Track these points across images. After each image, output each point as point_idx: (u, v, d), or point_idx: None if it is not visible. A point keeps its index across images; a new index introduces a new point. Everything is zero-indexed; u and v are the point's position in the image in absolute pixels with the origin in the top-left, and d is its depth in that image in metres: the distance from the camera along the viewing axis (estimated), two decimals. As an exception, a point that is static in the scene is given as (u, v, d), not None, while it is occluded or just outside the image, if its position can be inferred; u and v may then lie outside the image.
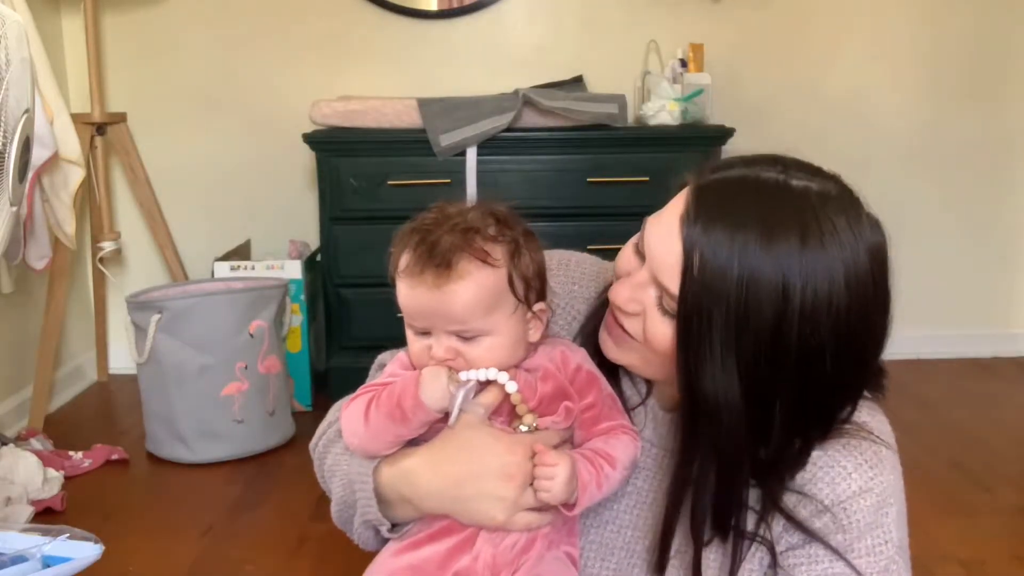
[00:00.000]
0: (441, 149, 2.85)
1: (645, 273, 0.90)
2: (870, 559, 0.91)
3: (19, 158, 1.60)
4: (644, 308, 0.90)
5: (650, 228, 0.90)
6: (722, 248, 0.82)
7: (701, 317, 0.83)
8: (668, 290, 0.86)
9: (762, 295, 0.82)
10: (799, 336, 0.83)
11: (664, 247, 0.87)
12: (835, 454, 0.92)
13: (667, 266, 0.86)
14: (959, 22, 3.38)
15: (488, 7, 3.32)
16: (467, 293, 0.90)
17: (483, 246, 0.92)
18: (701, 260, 0.83)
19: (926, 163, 3.45)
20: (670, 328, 0.87)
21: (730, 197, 0.85)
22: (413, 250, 0.93)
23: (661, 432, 1.02)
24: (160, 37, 3.29)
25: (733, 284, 0.82)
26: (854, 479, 0.91)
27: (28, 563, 1.34)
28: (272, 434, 2.72)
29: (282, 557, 2.13)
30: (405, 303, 0.94)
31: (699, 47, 3.10)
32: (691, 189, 0.88)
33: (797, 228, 0.83)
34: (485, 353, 0.93)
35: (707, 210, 0.84)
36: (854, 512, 0.91)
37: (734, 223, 0.83)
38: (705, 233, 0.83)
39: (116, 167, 3.27)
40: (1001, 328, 3.54)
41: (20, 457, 2.38)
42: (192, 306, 2.60)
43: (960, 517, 2.27)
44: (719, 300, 0.82)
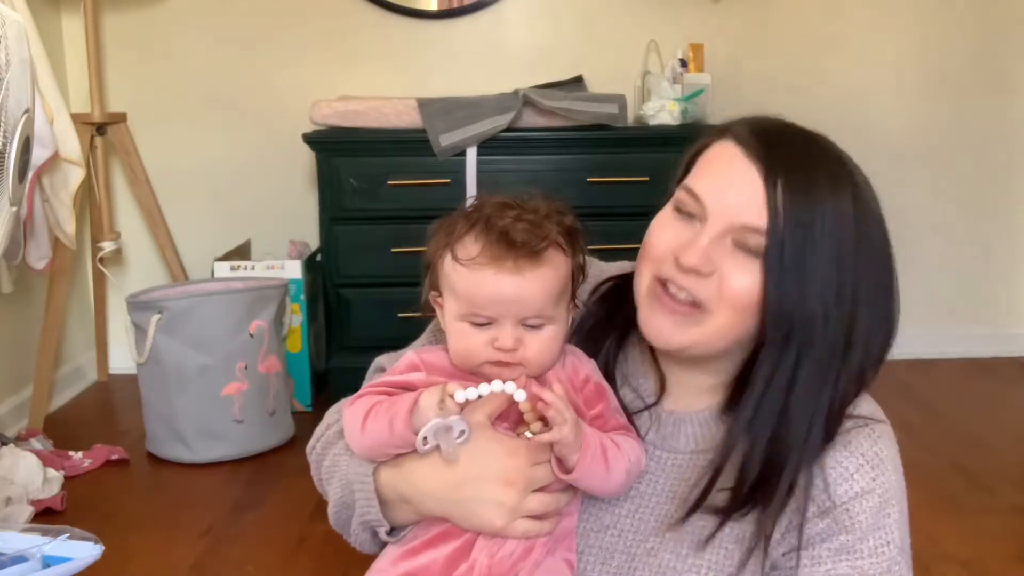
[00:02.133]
0: (441, 149, 2.85)
1: (716, 226, 0.90)
2: (872, 560, 0.92)
3: (19, 158, 1.60)
4: (719, 264, 0.90)
5: (705, 182, 0.92)
6: (799, 172, 0.89)
7: (795, 237, 0.87)
8: (753, 227, 0.88)
9: (843, 207, 0.90)
10: (870, 242, 0.94)
11: (738, 187, 0.90)
12: (836, 455, 0.93)
13: (746, 204, 0.88)
14: (959, 22, 3.38)
15: (488, 7, 3.32)
16: (549, 279, 0.92)
17: (559, 236, 0.94)
18: (785, 185, 0.88)
19: (926, 163, 3.45)
20: (754, 270, 0.89)
21: (786, 134, 0.95)
22: (485, 236, 0.92)
23: (664, 434, 1.01)
24: (160, 37, 3.29)
25: (819, 199, 0.89)
26: (856, 480, 0.92)
27: (28, 563, 1.34)
28: (272, 434, 2.72)
29: (282, 557, 2.13)
30: (472, 291, 0.92)
31: (699, 47, 3.10)
32: (740, 134, 0.93)
33: (848, 164, 0.96)
34: (545, 343, 0.94)
35: (771, 143, 0.91)
36: (857, 513, 0.92)
37: (803, 150, 0.93)
38: (781, 161, 0.89)
39: (116, 167, 3.27)
40: (1001, 328, 3.54)
41: (20, 457, 2.38)
42: (192, 306, 2.60)
43: (960, 517, 2.27)
44: (811, 214, 0.88)
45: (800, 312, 0.89)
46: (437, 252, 0.97)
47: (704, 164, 0.95)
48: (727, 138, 0.94)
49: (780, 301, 0.88)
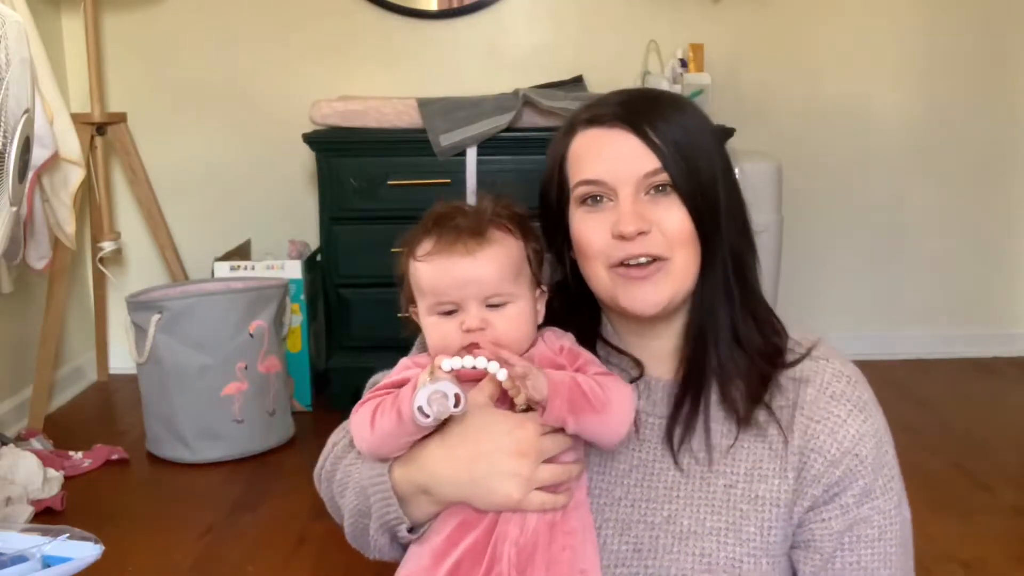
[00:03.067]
0: (441, 149, 2.85)
1: (627, 190, 0.99)
2: (885, 497, 1.01)
3: (19, 158, 1.60)
4: (650, 218, 0.99)
5: (594, 165, 1.01)
6: (650, 112, 1.01)
7: (681, 153, 0.99)
8: (652, 171, 0.99)
9: (688, 113, 1.04)
10: (718, 149, 1.05)
11: (622, 151, 1.00)
12: (825, 405, 1.02)
13: (636, 158, 0.99)
14: (959, 22, 3.38)
15: (488, 7, 3.32)
16: (499, 257, 0.98)
17: (504, 221, 1.01)
18: (649, 126, 0.99)
19: (925, 163, 3.45)
20: (673, 203, 1.00)
21: (614, 97, 1.05)
22: (437, 232, 1.00)
23: (655, 399, 1.06)
24: (160, 37, 3.29)
25: (674, 119, 1.01)
26: (851, 425, 1.01)
27: (28, 563, 1.34)
28: (272, 434, 2.72)
29: (282, 557, 2.13)
30: (434, 282, 0.98)
31: (699, 47, 3.10)
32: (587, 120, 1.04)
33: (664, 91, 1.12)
34: (512, 320, 0.98)
35: (615, 109, 1.02)
36: (864, 454, 1.01)
37: (638, 96, 1.06)
38: (632, 113, 1.01)
39: (116, 167, 3.27)
40: (1001, 328, 3.54)
41: (20, 457, 2.38)
42: (192, 306, 2.61)
43: (960, 517, 2.27)
44: (679, 131, 1.00)
45: (709, 205, 1.00)
46: (403, 263, 1.03)
47: (579, 158, 1.04)
48: (579, 131, 1.04)
49: (695, 204, 1.00)
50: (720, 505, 1.01)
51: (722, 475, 1.02)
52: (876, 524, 1.01)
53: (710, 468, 1.02)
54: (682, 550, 1.00)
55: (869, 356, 3.32)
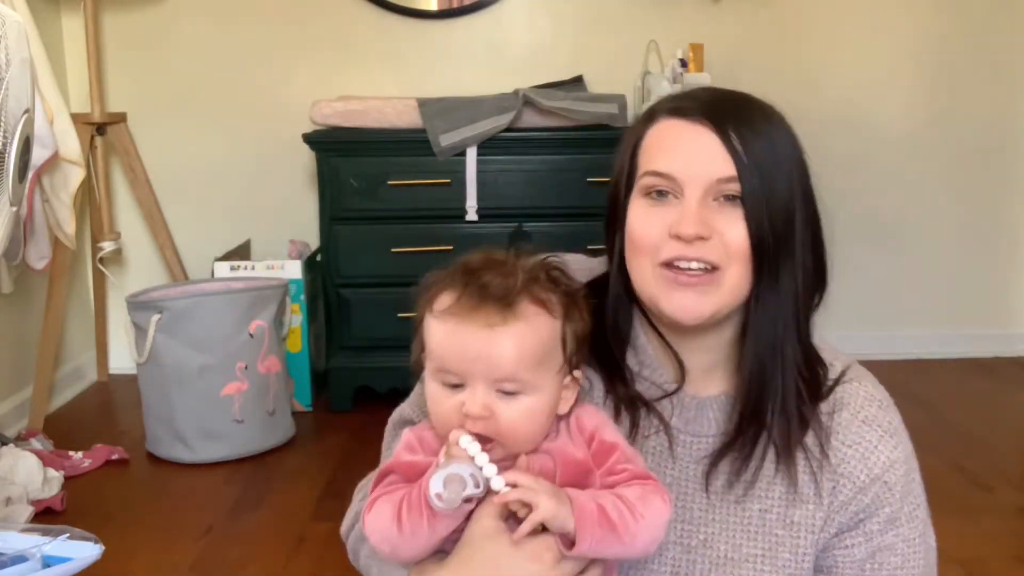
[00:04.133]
0: (441, 149, 2.85)
1: (696, 191, 0.93)
2: (911, 525, 1.00)
3: (19, 158, 1.60)
4: (712, 225, 0.93)
5: (667, 158, 0.95)
6: (738, 116, 0.95)
7: (760, 168, 0.93)
8: (727, 177, 0.93)
9: (780, 131, 0.98)
10: (800, 169, 0.98)
11: (699, 149, 0.94)
12: (858, 430, 1.00)
13: (712, 160, 0.93)
14: (959, 21, 3.38)
15: (488, 7, 3.32)
16: (523, 338, 0.85)
17: (542, 292, 0.88)
18: (734, 130, 0.93)
19: (926, 163, 3.45)
20: (739, 212, 0.93)
21: (708, 94, 1.00)
22: (461, 288, 0.86)
23: (687, 418, 1.02)
24: (160, 37, 3.29)
25: (762, 131, 0.95)
26: (882, 452, 1.00)
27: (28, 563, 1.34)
28: (272, 434, 2.72)
29: (282, 557, 2.13)
30: (443, 347, 0.87)
31: (699, 47, 3.10)
32: (671, 110, 0.97)
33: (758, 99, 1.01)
34: (521, 415, 0.86)
35: (704, 105, 0.96)
36: (893, 483, 0.99)
37: (729, 99, 0.99)
38: (720, 113, 0.95)
39: (116, 167, 3.27)
40: (1001, 328, 3.54)
41: (20, 457, 2.38)
42: (192, 306, 2.60)
43: (960, 517, 2.27)
44: (764, 144, 0.94)
45: (776, 230, 0.94)
46: (420, 307, 0.92)
47: (654, 147, 0.97)
48: (660, 120, 0.98)
49: (760, 225, 0.93)
50: (756, 531, 0.99)
51: (757, 499, 0.99)
52: (900, 552, 0.99)
53: (745, 494, 0.99)
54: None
55: (869, 356, 3.30)
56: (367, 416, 1.11)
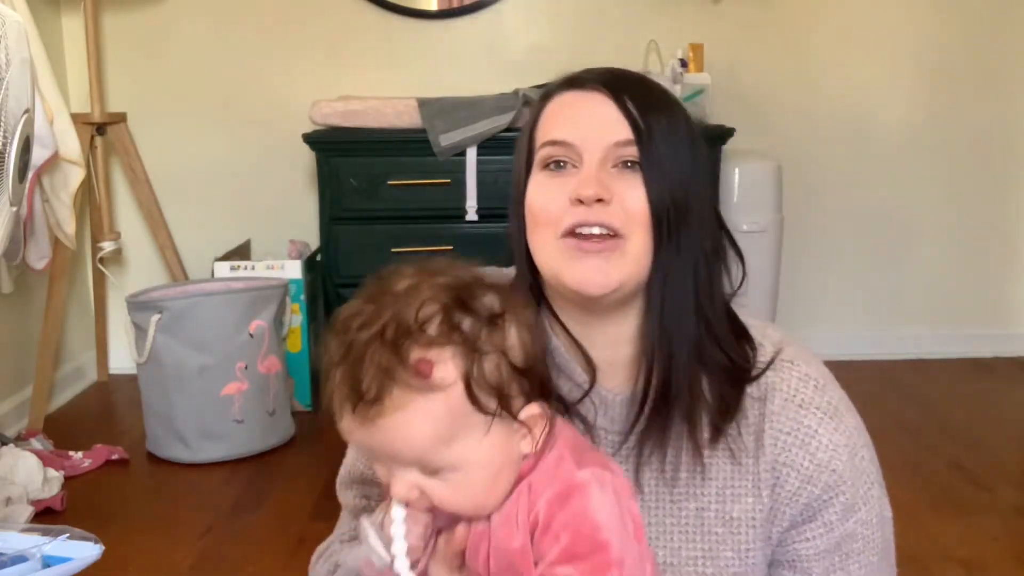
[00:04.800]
0: (441, 149, 2.85)
1: (594, 155, 0.92)
2: (868, 507, 0.96)
3: (19, 158, 1.60)
4: (612, 190, 0.90)
5: (564, 127, 0.95)
6: (635, 85, 0.96)
7: (657, 132, 0.91)
8: (623, 140, 0.91)
9: (681, 114, 0.96)
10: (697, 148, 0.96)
11: (596, 115, 0.94)
12: (794, 415, 0.95)
13: (609, 124, 0.92)
14: (959, 21, 3.38)
15: (488, 7, 3.32)
16: (410, 428, 0.74)
17: (419, 362, 0.73)
18: (630, 96, 0.93)
19: (925, 163, 3.45)
20: (638, 178, 0.91)
21: (602, 69, 1.01)
22: (339, 377, 0.76)
23: (612, 415, 0.97)
24: (160, 37, 3.29)
25: (659, 97, 0.96)
26: (823, 436, 0.95)
27: (28, 563, 1.34)
28: (272, 434, 2.72)
29: (282, 557, 2.12)
30: (357, 448, 0.85)
31: (699, 47, 3.10)
32: (568, 83, 1.00)
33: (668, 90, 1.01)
34: (455, 493, 0.77)
35: (600, 75, 0.97)
36: (841, 468, 0.95)
37: (623, 72, 1.00)
38: (617, 82, 0.96)
39: (116, 167, 3.27)
40: (1001, 328, 3.54)
41: (20, 457, 2.37)
42: (192, 306, 2.60)
43: (960, 517, 2.27)
44: (661, 109, 0.94)
45: (675, 197, 0.91)
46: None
47: (550, 119, 0.97)
48: (555, 95, 0.99)
49: (660, 191, 0.91)
50: (694, 531, 0.96)
51: (692, 497, 0.96)
52: (861, 536, 0.97)
53: (675, 491, 0.95)
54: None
55: (869, 356, 3.34)
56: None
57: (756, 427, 0.95)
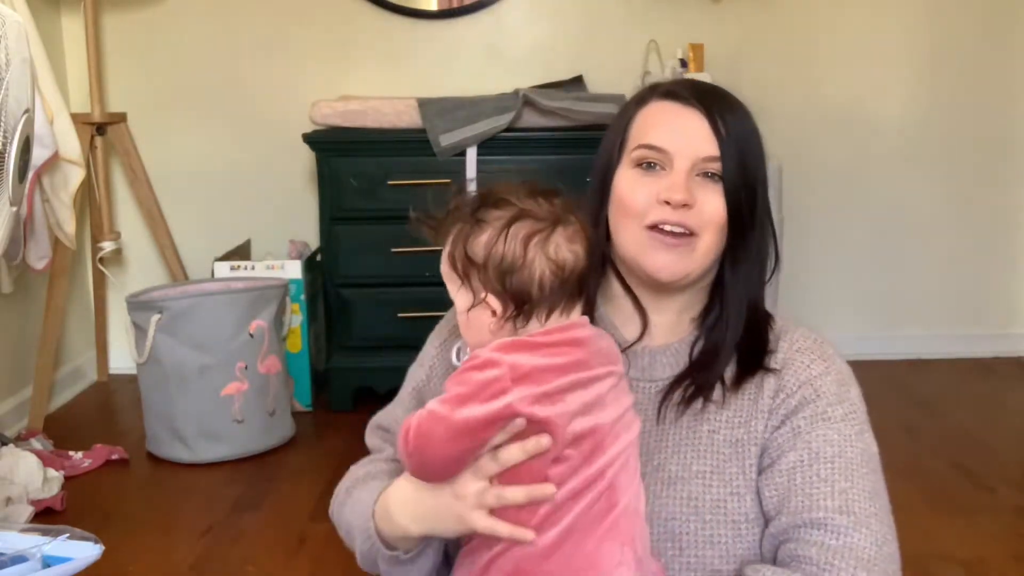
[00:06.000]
0: (441, 149, 2.85)
1: (684, 164, 1.06)
2: (844, 424, 1.06)
3: (19, 158, 1.60)
4: (695, 196, 1.05)
5: (660, 133, 1.08)
6: (725, 105, 1.09)
7: (740, 152, 1.07)
8: (711, 156, 1.06)
9: (753, 122, 1.12)
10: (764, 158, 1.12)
11: (690, 129, 1.07)
12: (793, 356, 1.09)
13: (701, 140, 1.06)
14: (959, 21, 3.38)
15: (488, 7, 3.32)
16: (442, 255, 1.00)
17: (440, 222, 1.01)
18: (721, 116, 1.07)
19: (925, 163, 3.45)
20: (718, 191, 1.06)
21: (696, 83, 1.14)
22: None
23: (642, 366, 1.12)
24: (160, 37, 3.29)
25: (743, 119, 1.10)
26: (814, 367, 1.09)
27: (28, 563, 1.34)
28: (272, 434, 2.72)
29: (282, 557, 2.13)
30: None
31: (699, 47, 3.10)
32: (665, 93, 1.11)
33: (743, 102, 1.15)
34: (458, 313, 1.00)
35: (695, 91, 1.09)
36: (821, 386, 1.07)
37: (714, 90, 1.13)
38: (710, 100, 1.08)
39: (116, 167, 3.27)
40: (1001, 328, 3.54)
41: (20, 457, 2.38)
42: (192, 306, 2.61)
43: (960, 517, 2.27)
44: (743, 131, 1.09)
45: (749, 204, 1.08)
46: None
47: (648, 124, 1.10)
48: (653, 100, 1.11)
49: (736, 202, 1.07)
50: (704, 450, 1.07)
51: (706, 421, 1.08)
52: (835, 443, 1.04)
53: (690, 416, 1.08)
54: (670, 495, 1.05)
55: (869, 356, 3.33)
56: (367, 416, 1.11)
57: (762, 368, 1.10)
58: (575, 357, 0.94)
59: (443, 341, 1.20)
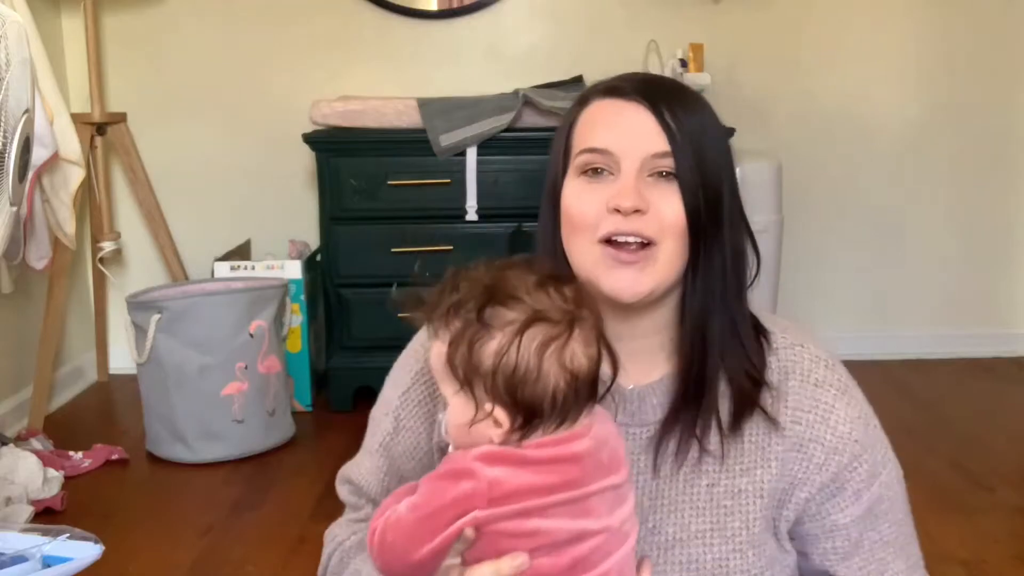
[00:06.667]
0: (441, 149, 2.85)
1: (632, 165, 0.95)
2: (887, 470, 1.03)
3: (19, 158, 1.61)
4: (649, 200, 0.95)
5: (603, 134, 0.97)
6: (671, 96, 0.98)
7: (692, 145, 0.95)
8: (661, 152, 0.95)
9: (708, 110, 1.01)
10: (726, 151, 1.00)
11: (635, 125, 0.96)
12: (812, 393, 1.01)
13: (648, 135, 0.96)
14: (959, 22, 3.38)
15: (488, 7, 3.32)
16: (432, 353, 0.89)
17: (443, 312, 0.87)
18: (667, 108, 0.96)
19: (925, 163, 3.45)
20: (674, 191, 0.95)
21: (640, 76, 1.05)
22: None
23: (632, 410, 1.02)
24: (160, 37, 3.29)
25: (694, 110, 0.98)
26: (840, 411, 1.01)
27: (28, 563, 1.34)
28: (272, 434, 2.72)
29: (282, 557, 2.13)
30: None
31: (699, 47, 3.10)
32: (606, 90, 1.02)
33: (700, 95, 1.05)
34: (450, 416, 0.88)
35: (638, 84, 1.00)
36: (862, 439, 1.01)
37: (660, 81, 1.04)
38: (655, 92, 0.98)
39: (116, 167, 3.27)
40: (1001, 328, 3.54)
41: (20, 457, 2.38)
42: (192, 306, 2.61)
43: (960, 517, 2.27)
44: (695, 123, 0.97)
45: (708, 205, 0.95)
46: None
47: (589, 126, 1.00)
48: (594, 101, 1.02)
49: (694, 201, 0.95)
50: (704, 506, 1.00)
51: (704, 474, 1.00)
52: (887, 498, 1.03)
53: (687, 470, 0.99)
54: (668, 560, 0.99)
55: (869, 356, 3.33)
56: (367, 416, 1.10)
57: (770, 405, 1.00)
58: (568, 476, 0.84)
59: (406, 390, 1.10)
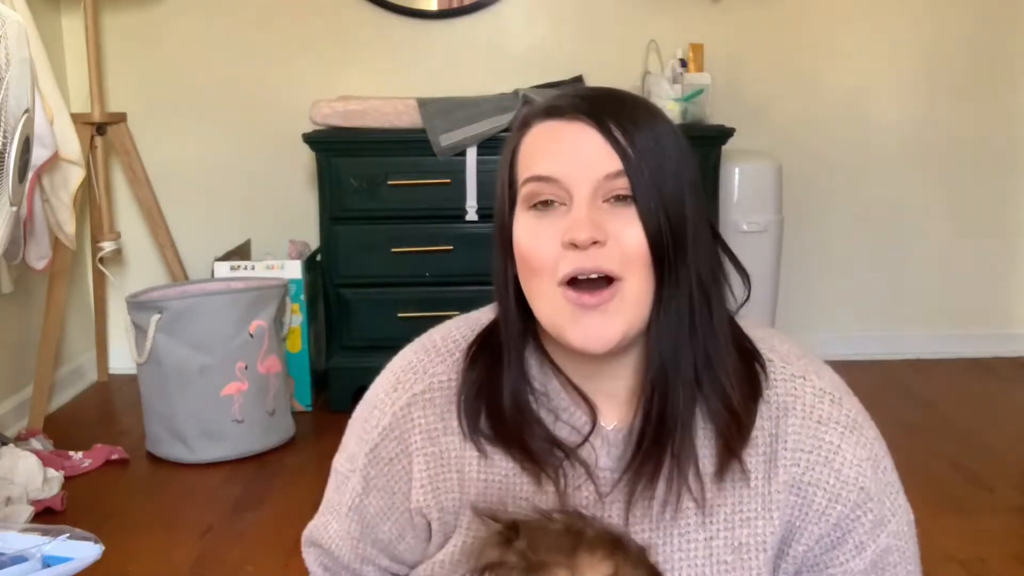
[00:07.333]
0: (441, 149, 2.85)
1: (583, 192, 0.85)
2: (896, 518, 0.95)
3: (19, 158, 1.61)
4: (607, 229, 0.85)
5: (548, 161, 0.87)
6: (618, 109, 0.88)
7: (647, 159, 0.85)
8: (613, 172, 0.85)
9: (661, 119, 0.90)
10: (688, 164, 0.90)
11: (580, 146, 0.86)
12: (814, 433, 0.93)
13: (596, 156, 0.85)
14: (958, 21, 3.38)
15: (488, 7, 3.32)
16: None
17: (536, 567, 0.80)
18: (615, 123, 0.86)
19: (925, 162, 3.45)
20: (633, 215, 0.85)
21: (583, 91, 0.92)
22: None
23: (615, 454, 0.93)
24: (160, 37, 3.29)
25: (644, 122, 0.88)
26: (846, 452, 0.93)
27: (28, 563, 1.34)
28: (272, 434, 2.72)
29: (282, 557, 2.12)
30: None
31: (699, 47, 3.10)
32: (546, 112, 0.90)
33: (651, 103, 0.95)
34: None
35: (580, 101, 0.88)
36: (868, 487, 0.93)
37: (607, 94, 0.91)
38: (598, 107, 0.87)
39: (116, 167, 3.27)
40: (1001, 328, 3.54)
41: (20, 457, 2.38)
42: (192, 306, 2.60)
43: (960, 517, 2.27)
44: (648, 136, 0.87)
45: (672, 226, 0.86)
46: None
47: (531, 152, 0.89)
48: (534, 124, 0.90)
49: (656, 223, 0.85)
50: (703, 563, 0.92)
51: (701, 528, 0.92)
52: (896, 548, 0.96)
53: (682, 523, 0.92)
54: None
55: (869, 356, 3.34)
56: (367, 416, 1.13)
57: (767, 447, 0.92)
58: None
59: (373, 447, 1.04)
